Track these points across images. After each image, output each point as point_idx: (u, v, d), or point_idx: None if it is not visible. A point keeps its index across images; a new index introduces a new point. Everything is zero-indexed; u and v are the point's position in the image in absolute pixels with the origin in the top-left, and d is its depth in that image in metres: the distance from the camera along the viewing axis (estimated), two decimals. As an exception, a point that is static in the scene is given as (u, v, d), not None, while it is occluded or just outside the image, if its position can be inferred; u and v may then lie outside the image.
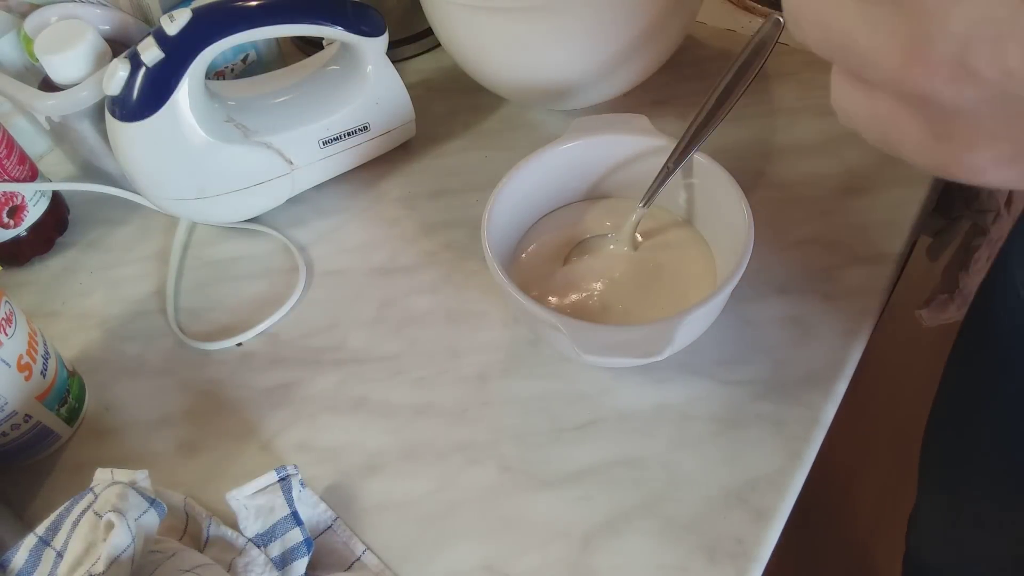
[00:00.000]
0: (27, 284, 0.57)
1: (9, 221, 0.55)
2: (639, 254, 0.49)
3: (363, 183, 0.59)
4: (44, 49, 0.51)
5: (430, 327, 0.51)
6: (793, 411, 0.44)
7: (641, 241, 0.50)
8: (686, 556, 0.40)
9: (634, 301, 0.47)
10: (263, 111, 0.55)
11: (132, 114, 0.49)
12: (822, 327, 0.47)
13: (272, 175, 0.54)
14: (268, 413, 0.48)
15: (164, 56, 0.48)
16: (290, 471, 0.42)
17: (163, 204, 0.54)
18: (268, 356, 0.51)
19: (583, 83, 0.55)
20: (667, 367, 0.47)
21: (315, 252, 0.56)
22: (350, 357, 0.50)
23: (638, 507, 0.42)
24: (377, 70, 0.56)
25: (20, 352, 0.44)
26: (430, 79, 0.66)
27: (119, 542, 0.36)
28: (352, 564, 0.42)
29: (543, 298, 0.47)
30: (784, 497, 0.42)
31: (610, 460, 0.44)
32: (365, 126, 0.57)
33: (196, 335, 0.53)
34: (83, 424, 0.49)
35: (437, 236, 0.56)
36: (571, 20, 0.50)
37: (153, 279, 0.56)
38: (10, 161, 0.53)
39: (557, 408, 0.46)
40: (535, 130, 0.61)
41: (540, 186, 0.49)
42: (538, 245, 0.50)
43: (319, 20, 0.51)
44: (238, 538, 0.42)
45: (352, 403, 0.48)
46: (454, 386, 0.48)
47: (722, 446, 0.44)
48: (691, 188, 0.49)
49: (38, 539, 0.39)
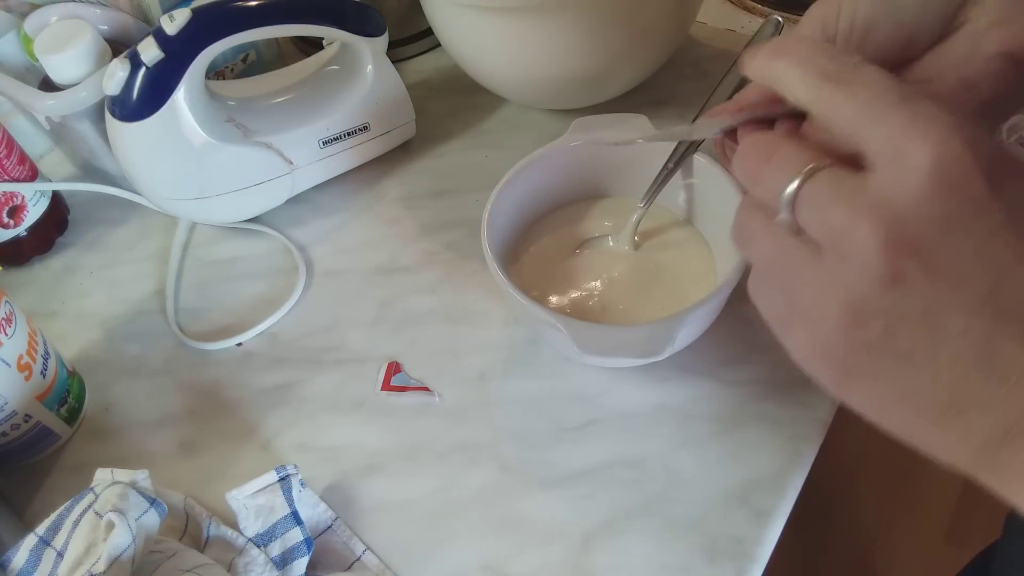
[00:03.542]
0: (27, 284, 0.57)
1: (9, 221, 0.55)
2: (639, 254, 0.49)
3: (363, 183, 0.59)
4: (44, 49, 0.51)
5: (430, 327, 0.51)
6: (793, 411, 0.44)
7: (641, 241, 0.50)
8: (686, 556, 0.40)
9: (634, 301, 0.47)
10: (263, 111, 0.55)
11: (132, 114, 0.49)
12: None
13: (272, 175, 0.54)
14: (268, 413, 0.48)
15: (164, 56, 0.48)
16: (290, 471, 0.42)
17: (163, 204, 0.54)
18: (268, 356, 0.51)
19: (583, 83, 0.55)
20: (667, 367, 0.47)
21: (315, 252, 0.56)
22: (350, 357, 0.50)
23: (638, 507, 0.42)
24: (377, 70, 0.56)
25: (20, 352, 0.44)
26: (430, 79, 0.66)
27: (120, 542, 0.36)
28: (352, 564, 0.42)
29: (543, 298, 0.47)
30: (784, 497, 0.42)
31: (610, 460, 0.44)
32: (365, 126, 0.57)
33: (196, 335, 0.53)
34: (83, 424, 0.49)
35: (437, 236, 0.56)
36: (571, 20, 0.50)
37: (153, 279, 0.56)
38: (10, 161, 0.53)
39: (557, 408, 0.46)
40: (535, 130, 0.61)
41: (540, 186, 0.49)
42: (538, 245, 0.50)
43: (319, 20, 0.51)
44: (238, 538, 0.42)
45: (352, 403, 0.48)
46: (454, 386, 0.48)
47: (722, 446, 0.44)
48: (691, 188, 0.49)
49: (38, 539, 0.39)
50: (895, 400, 0.24)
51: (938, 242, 0.21)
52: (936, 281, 0.21)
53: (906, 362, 0.22)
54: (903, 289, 0.22)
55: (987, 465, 0.23)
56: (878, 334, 0.22)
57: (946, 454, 0.24)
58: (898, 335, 0.22)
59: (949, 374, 0.22)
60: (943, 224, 0.21)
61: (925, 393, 0.23)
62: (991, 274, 0.21)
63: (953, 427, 0.23)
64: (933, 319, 0.22)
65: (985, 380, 0.22)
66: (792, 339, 0.26)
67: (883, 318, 0.22)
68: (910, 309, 0.22)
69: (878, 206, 0.22)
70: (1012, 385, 0.21)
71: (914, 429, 0.24)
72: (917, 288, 0.21)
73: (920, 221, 0.21)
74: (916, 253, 0.21)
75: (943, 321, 0.22)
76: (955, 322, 0.21)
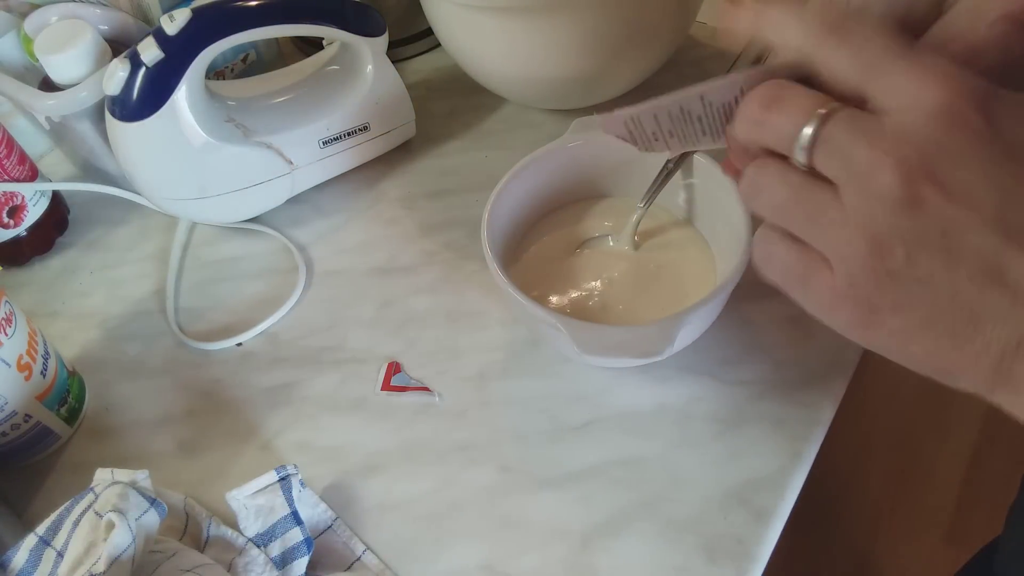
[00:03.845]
0: (27, 284, 0.57)
1: (9, 221, 0.55)
2: (639, 254, 0.49)
3: (363, 183, 0.59)
4: (44, 49, 0.51)
5: (430, 327, 0.51)
6: (793, 411, 0.44)
7: (641, 241, 0.50)
8: (686, 556, 0.40)
9: (634, 301, 0.47)
10: (263, 111, 0.55)
11: (132, 114, 0.49)
12: (822, 327, 0.46)
13: (272, 175, 0.54)
14: (268, 413, 0.48)
15: (164, 56, 0.48)
16: (290, 471, 0.42)
17: (163, 204, 0.54)
18: (268, 356, 0.51)
19: (583, 83, 0.55)
20: (667, 367, 0.47)
21: (315, 252, 0.56)
22: (350, 357, 0.50)
23: (638, 507, 0.42)
24: (377, 70, 0.56)
25: (20, 352, 0.44)
26: (430, 79, 0.66)
27: (120, 542, 0.36)
28: (352, 564, 0.42)
29: (543, 298, 0.47)
30: (784, 497, 0.42)
31: (610, 460, 0.44)
32: (365, 126, 0.57)
33: (196, 335, 0.53)
34: (83, 424, 0.50)
35: (437, 236, 0.56)
36: (571, 20, 0.50)
37: (153, 279, 0.56)
38: (10, 161, 0.53)
39: (557, 408, 0.46)
40: (535, 130, 0.61)
41: (540, 186, 0.49)
42: (538, 245, 0.50)
43: (319, 20, 0.51)
44: (238, 538, 0.42)
45: (352, 403, 0.48)
46: (454, 386, 0.48)
47: (722, 446, 0.44)
48: (691, 188, 0.49)
49: (38, 539, 0.39)
50: (917, 328, 0.25)
51: (950, 170, 0.24)
52: (951, 203, 0.24)
53: (927, 286, 0.25)
54: (922, 213, 0.24)
55: (1004, 380, 0.25)
56: (901, 261, 0.24)
57: (967, 376, 0.26)
58: (919, 260, 0.24)
59: (967, 292, 0.24)
60: (954, 155, 0.24)
61: (945, 314, 0.25)
62: (998, 196, 0.23)
63: (972, 343, 0.25)
64: (949, 240, 0.24)
65: (1000, 294, 0.24)
66: (812, 289, 0.28)
67: (905, 245, 0.24)
68: (929, 232, 0.24)
69: (898, 143, 0.24)
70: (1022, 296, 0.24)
71: (936, 355, 0.26)
72: (934, 211, 0.24)
73: (934, 154, 0.24)
74: (932, 179, 0.24)
75: (959, 241, 0.24)
76: (969, 241, 0.24)
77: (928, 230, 0.24)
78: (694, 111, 0.34)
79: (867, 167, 0.24)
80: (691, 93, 0.33)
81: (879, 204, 0.24)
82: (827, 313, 0.28)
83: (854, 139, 0.25)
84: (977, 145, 0.24)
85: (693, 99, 0.33)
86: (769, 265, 0.29)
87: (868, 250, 0.25)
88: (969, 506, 1.16)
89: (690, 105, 0.34)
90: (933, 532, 1.14)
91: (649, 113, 0.36)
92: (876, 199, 0.24)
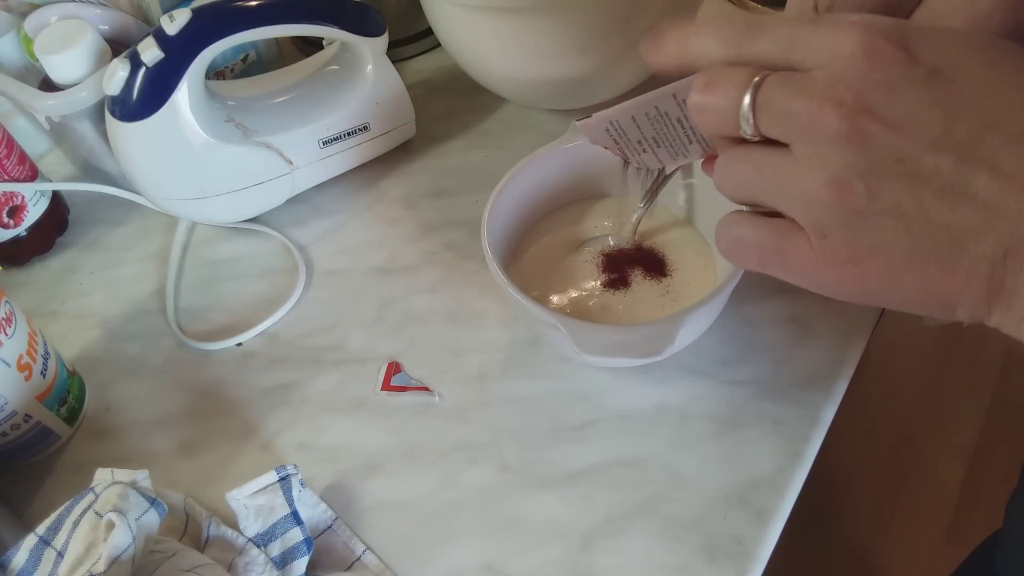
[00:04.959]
0: (27, 284, 0.57)
1: (9, 221, 0.55)
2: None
3: (363, 183, 0.59)
4: (44, 49, 0.51)
5: (430, 327, 0.51)
6: (793, 411, 0.44)
7: (641, 241, 0.50)
8: (686, 556, 0.40)
9: (634, 301, 0.47)
10: (263, 111, 0.55)
11: (132, 114, 0.49)
12: (822, 327, 0.47)
13: (272, 175, 0.54)
14: (268, 413, 0.48)
15: (164, 56, 0.48)
16: (290, 471, 0.42)
17: (163, 204, 0.54)
18: (268, 356, 0.51)
19: (583, 83, 0.55)
20: (667, 367, 0.47)
21: (315, 252, 0.56)
22: (350, 357, 0.50)
23: (638, 507, 0.42)
24: (377, 70, 0.56)
25: (20, 352, 0.44)
26: (430, 79, 0.66)
27: (120, 542, 0.36)
28: (352, 564, 0.42)
29: (543, 298, 0.47)
30: (784, 497, 0.42)
31: (610, 460, 0.44)
32: (365, 126, 0.57)
33: (196, 335, 0.53)
34: (83, 424, 0.50)
35: (437, 236, 0.56)
36: (570, 20, 0.50)
37: (153, 279, 0.56)
38: (10, 161, 0.53)
39: (557, 408, 0.46)
40: (535, 130, 0.61)
41: (540, 186, 0.49)
42: (538, 245, 0.50)
43: (319, 20, 0.51)
44: (238, 538, 0.42)
45: (352, 403, 0.48)
46: (454, 386, 0.48)
47: (722, 446, 0.44)
48: (691, 188, 0.49)
49: (38, 539, 0.39)
50: (903, 264, 0.26)
51: (885, 100, 0.25)
52: (894, 131, 0.24)
53: (897, 218, 0.25)
54: (870, 145, 0.25)
55: (997, 294, 0.25)
56: (864, 196, 0.25)
57: (965, 301, 0.26)
58: (881, 191, 0.25)
59: (937, 213, 0.24)
60: (884, 86, 0.25)
61: (924, 241, 0.25)
62: (938, 115, 0.24)
63: (960, 262, 0.25)
64: (904, 167, 0.24)
65: (972, 208, 0.24)
66: (790, 256, 0.28)
67: (862, 178, 0.25)
68: (883, 161, 0.25)
69: (830, 86, 0.25)
70: (994, 207, 0.24)
71: (929, 287, 0.26)
72: (881, 140, 0.24)
73: (866, 89, 0.25)
74: (870, 112, 0.25)
75: (914, 166, 0.24)
76: (925, 162, 0.24)
77: (881, 160, 0.25)
78: (672, 112, 0.34)
79: (807, 116, 0.25)
80: (663, 92, 0.33)
81: (828, 146, 0.25)
82: (812, 277, 0.28)
83: (790, 96, 0.26)
84: (903, 74, 0.25)
85: (666, 98, 0.33)
86: (740, 250, 0.30)
87: (830, 193, 0.25)
88: (969, 506, 1.16)
89: (665, 105, 0.34)
90: (933, 531, 1.14)
91: (627, 115, 0.35)
92: (824, 142, 0.25)
